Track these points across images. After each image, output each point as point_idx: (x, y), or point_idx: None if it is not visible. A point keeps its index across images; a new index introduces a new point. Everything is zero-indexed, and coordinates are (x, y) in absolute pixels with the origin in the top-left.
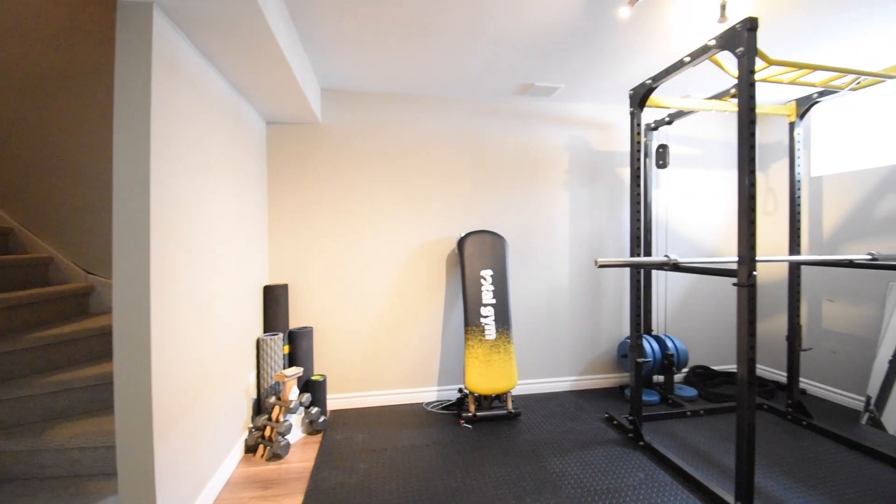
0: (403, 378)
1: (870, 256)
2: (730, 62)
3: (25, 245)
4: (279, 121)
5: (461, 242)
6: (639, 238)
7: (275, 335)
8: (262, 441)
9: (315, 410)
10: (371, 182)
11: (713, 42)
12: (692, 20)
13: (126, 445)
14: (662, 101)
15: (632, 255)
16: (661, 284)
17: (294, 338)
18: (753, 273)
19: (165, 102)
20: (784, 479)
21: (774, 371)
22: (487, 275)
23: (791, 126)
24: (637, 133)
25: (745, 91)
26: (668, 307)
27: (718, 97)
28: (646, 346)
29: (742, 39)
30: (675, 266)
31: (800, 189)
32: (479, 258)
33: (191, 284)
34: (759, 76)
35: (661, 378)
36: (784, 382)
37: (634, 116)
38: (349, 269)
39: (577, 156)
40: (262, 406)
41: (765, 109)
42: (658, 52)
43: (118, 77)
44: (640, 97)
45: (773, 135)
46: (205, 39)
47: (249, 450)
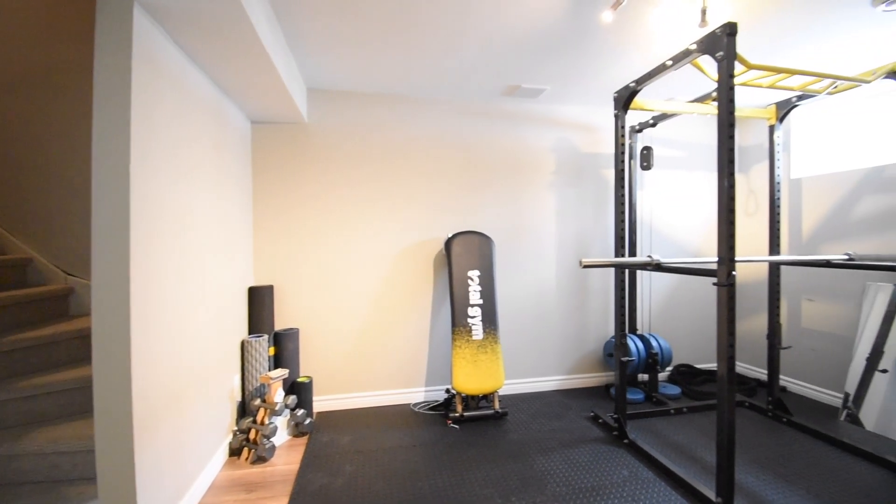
0: (391, 379)
1: (846, 256)
2: (711, 66)
3: (3, 246)
4: (264, 120)
5: (449, 243)
6: (623, 239)
7: (260, 337)
8: (247, 444)
9: (301, 412)
10: (358, 182)
11: (694, 46)
12: (674, 25)
13: (105, 449)
14: (646, 104)
15: (616, 256)
16: (646, 284)
17: (280, 339)
18: (733, 273)
19: (146, 101)
20: (764, 475)
21: (756, 369)
22: (475, 275)
23: (771, 129)
24: (621, 135)
25: (725, 95)
26: (653, 307)
27: (701, 100)
28: (631, 346)
29: (722, 44)
30: (658, 266)
31: (779, 191)
32: (467, 259)
33: (172, 285)
34: (739, 80)
35: (646, 377)
36: (765, 380)
37: (619, 119)
38: (336, 270)
39: (564, 157)
40: (247, 408)
41: (745, 113)
42: (642, 56)
43: (97, 75)
44: (625, 100)
45: (755, 137)
46: (187, 38)
47: (234, 453)
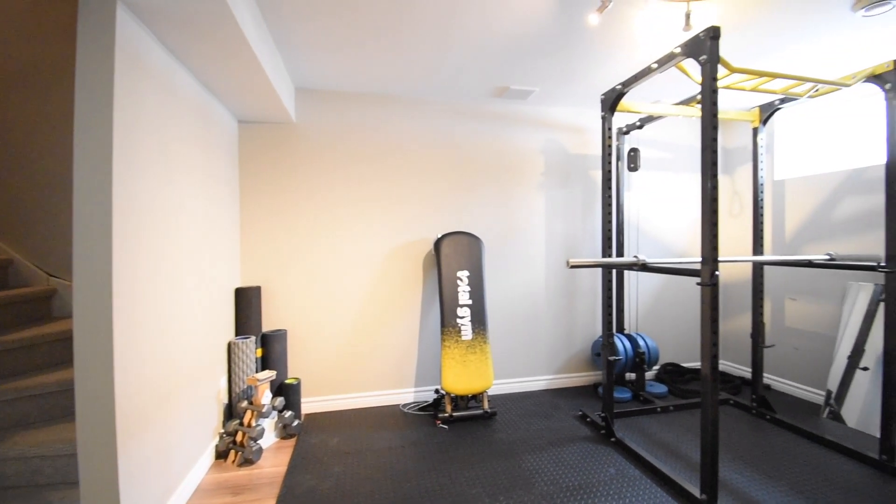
0: (380, 380)
1: (828, 257)
2: (695, 69)
3: None
4: (252, 120)
5: (438, 243)
6: (610, 239)
7: (247, 338)
8: (234, 446)
9: (289, 414)
10: (346, 182)
11: (679, 50)
12: (659, 28)
13: (88, 453)
14: (633, 106)
15: (603, 256)
16: (634, 284)
17: (267, 341)
18: (716, 273)
19: (129, 99)
20: (748, 472)
21: (740, 367)
22: (464, 276)
23: (755, 131)
24: (608, 137)
25: (708, 98)
26: (640, 306)
27: (686, 102)
28: (618, 345)
29: (705, 48)
30: (644, 266)
31: (763, 192)
32: (456, 259)
33: (156, 287)
34: (722, 83)
35: (634, 375)
36: (749, 378)
37: (606, 121)
38: (324, 271)
39: (553, 158)
40: (234, 411)
41: (730, 115)
42: (628, 59)
43: (79, 73)
44: (611, 102)
45: (739, 139)
46: (171, 36)
47: (220, 455)
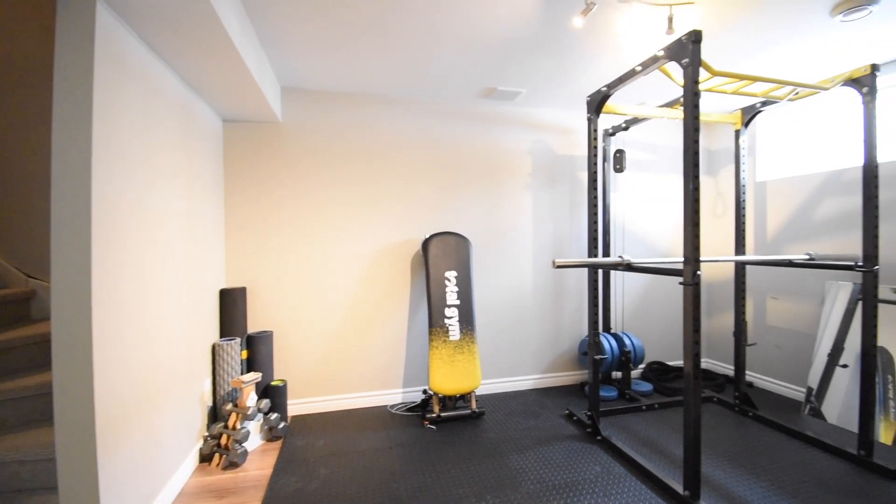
0: (368, 381)
1: (808, 256)
2: (678, 72)
3: None
4: (237, 119)
5: (426, 244)
6: (596, 240)
7: (232, 340)
8: (218, 449)
9: (275, 416)
10: (334, 182)
11: (661, 53)
12: (643, 31)
13: (67, 458)
14: (618, 108)
15: (589, 256)
16: (620, 284)
17: (253, 342)
18: (698, 273)
19: (109, 97)
20: (730, 468)
21: (724, 365)
22: (452, 276)
23: (737, 133)
24: (594, 138)
25: (690, 100)
26: (626, 306)
27: (670, 105)
28: (604, 344)
29: (687, 51)
30: (629, 266)
31: (745, 193)
32: (444, 259)
33: (137, 288)
34: (704, 86)
35: (620, 374)
36: (732, 376)
37: (591, 122)
38: (311, 272)
39: (540, 159)
40: (219, 413)
41: (713, 118)
42: (613, 61)
43: (58, 70)
44: (597, 103)
45: (723, 141)
46: (153, 33)
47: (204, 459)
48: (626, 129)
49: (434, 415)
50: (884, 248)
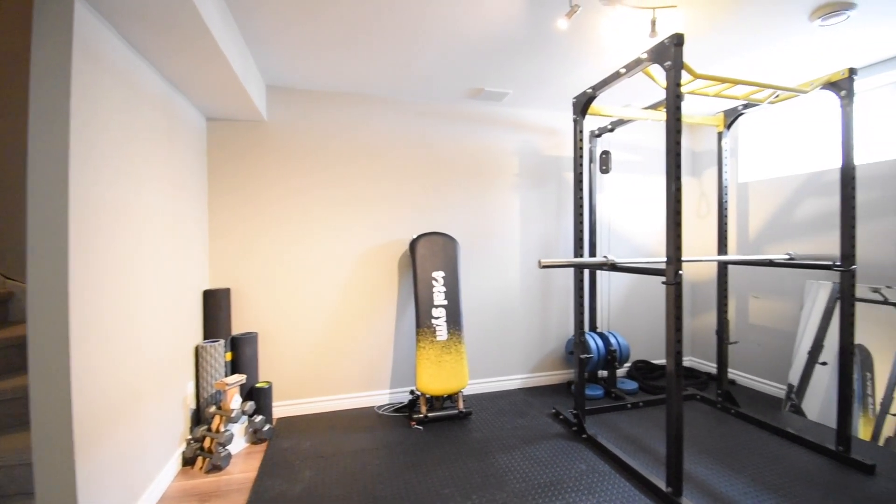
0: (355, 382)
1: (788, 256)
2: (661, 74)
3: None
4: (221, 117)
5: (413, 244)
6: (581, 240)
7: (215, 342)
8: (201, 452)
9: (259, 419)
10: (320, 182)
11: (645, 55)
12: (627, 34)
13: (44, 462)
14: (603, 110)
15: (575, 256)
16: (606, 284)
17: (237, 344)
18: (679, 272)
19: (87, 95)
20: (712, 465)
21: (707, 363)
22: (439, 276)
23: (719, 135)
24: (580, 139)
25: (672, 102)
26: (612, 305)
27: (654, 107)
28: (590, 343)
29: (669, 54)
30: (613, 266)
31: (727, 194)
32: (431, 260)
33: (116, 289)
34: (687, 89)
35: (606, 373)
36: (716, 374)
37: (577, 123)
38: (297, 273)
39: (527, 160)
40: (202, 416)
41: (696, 120)
42: (599, 63)
43: (34, 68)
44: (583, 105)
45: (707, 143)
46: (132, 30)
47: (187, 462)
48: (612, 131)
49: (421, 415)
50: (862, 248)
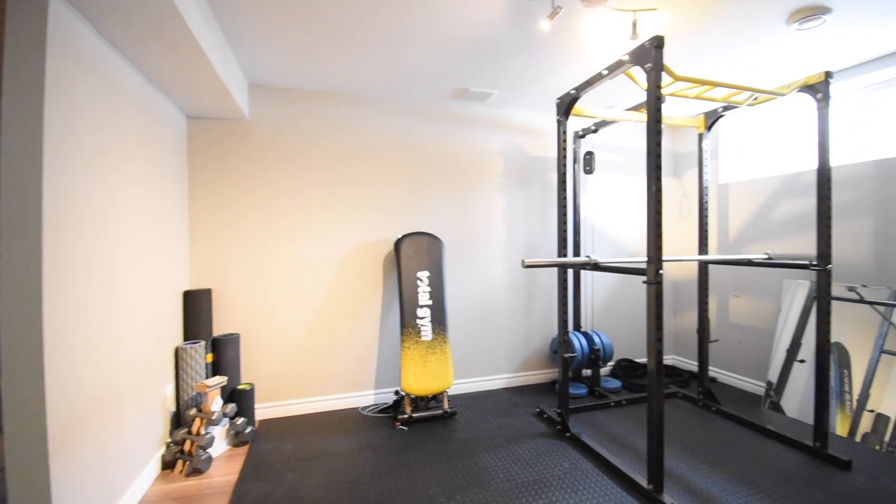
0: (339, 383)
1: (766, 256)
2: (642, 76)
3: None
4: (202, 115)
5: (398, 244)
6: (565, 240)
7: (196, 343)
8: (181, 456)
9: (241, 421)
10: (303, 180)
11: (626, 57)
12: (609, 36)
13: (17, 467)
14: (586, 111)
15: (559, 256)
16: (590, 284)
17: (218, 345)
18: (660, 272)
19: (63, 93)
20: (693, 461)
21: (689, 361)
22: (424, 276)
23: (700, 137)
24: (563, 140)
25: (653, 104)
26: (597, 305)
27: (637, 108)
28: (574, 342)
29: (650, 56)
30: (596, 266)
31: (707, 195)
32: (416, 260)
33: (92, 290)
34: (667, 90)
35: (590, 372)
36: (697, 372)
37: (561, 124)
38: (280, 273)
39: (512, 160)
40: (182, 419)
41: (677, 121)
42: (582, 64)
43: (7, 64)
44: (566, 106)
45: (688, 144)
46: (109, 27)
47: (167, 466)
48: (596, 132)
49: (406, 416)
50: (838, 248)
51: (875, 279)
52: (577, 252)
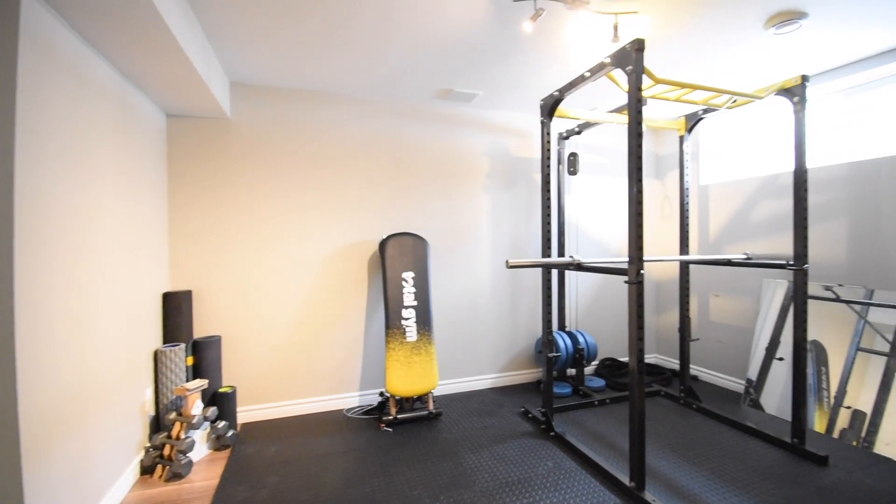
0: (323, 385)
1: (745, 256)
2: (624, 79)
3: None
4: (181, 114)
5: (383, 244)
6: (549, 240)
7: (176, 346)
8: (161, 460)
9: (222, 424)
10: (286, 181)
11: (608, 60)
12: (592, 38)
13: None
14: (569, 112)
15: (543, 257)
16: (574, 283)
17: (199, 348)
18: (641, 272)
19: (36, 90)
20: (674, 459)
21: (672, 360)
22: (409, 277)
23: (681, 139)
24: (547, 141)
25: (634, 106)
26: (581, 304)
27: (619, 110)
28: (559, 342)
29: (631, 59)
30: (579, 266)
31: (688, 196)
32: (401, 260)
33: (66, 292)
34: (648, 93)
35: (574, 371)
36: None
37: (545, 125)
38: (263, 273)
39: (497, 161)
40: (162, 423)
41: (659, 124)
42: (565, 66)
43: None
44: (549, 107)
45: (670, 146)
46: (83, 23)
47: (146, 471)
48: (580, 133)
49: (390, 417)
50: (815, 248)
51: (850, 279)
52: (562, 252)
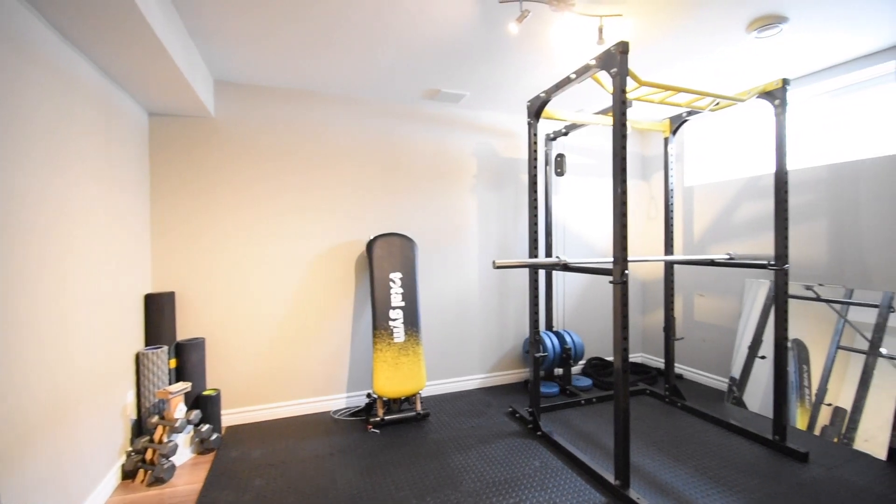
0: (310, 387)
1: (728, 256)
2: (609, 81)
3: None
4: (164, 112)
5: (370, 245)
6: (536, 241)
7: (158, 348)
8: (143, 465)
9: (206, 428)
10: (272, 180)
11: (593, 62)
12: (577, 41)
13: None
14: (556, 114)
15: (530, 257)
16: (561, 284)
17: (182, 350)
18: (626, 272)
19: (12, 87)
20: (659, 457)
21: (657, 359)
22: (397, 277)
23: (666, 141)
24: (534, 142)
25: (618, 108)
26: (568, 304)
27: (605, 112)
28: (546, 342)
29: (615, 61)
30: (566, 266)
31: (673, 197)
32: (389, 261)
33: (43, 292)
34: (633, 95)
35: (561, 371)
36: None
37: (532, 127)
38: (247, 274)
39: (485, 161)
40: (144, 427)
41: (644, 125)
42: (551, 68)
43: None
44: (536, 108)
45: (656, 148)
46: (61, 19)
47: (128, 475)
48: (567, 135)
49: (378, 418)
50: (796, 249)
51: (831, 278)
52: (549, 253)
